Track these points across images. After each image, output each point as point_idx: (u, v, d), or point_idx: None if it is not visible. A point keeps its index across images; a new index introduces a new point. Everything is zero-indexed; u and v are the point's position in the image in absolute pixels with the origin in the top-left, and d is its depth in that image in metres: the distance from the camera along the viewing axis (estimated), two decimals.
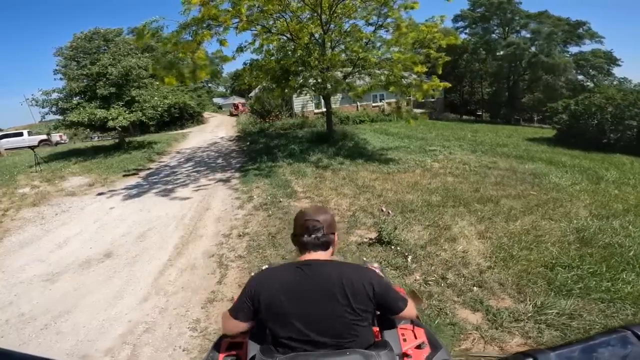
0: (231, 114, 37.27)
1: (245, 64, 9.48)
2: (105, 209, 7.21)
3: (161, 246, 5.07)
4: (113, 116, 12.33)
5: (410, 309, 1.29)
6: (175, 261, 4.60)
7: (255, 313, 1.20)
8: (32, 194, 8.87)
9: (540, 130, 22.22)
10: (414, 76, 10.47)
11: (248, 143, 13.36)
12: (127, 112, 12.81)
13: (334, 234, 1.33)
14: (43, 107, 12.68)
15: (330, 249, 1.31)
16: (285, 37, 9.43)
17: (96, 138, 28.25)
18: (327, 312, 1.12)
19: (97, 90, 12.53)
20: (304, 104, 21.18)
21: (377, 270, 1.62)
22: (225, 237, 5.05)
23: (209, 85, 44.89)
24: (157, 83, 14.65)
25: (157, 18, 6.87)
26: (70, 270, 4.63)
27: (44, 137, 23.71)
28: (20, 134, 24.26)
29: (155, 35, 7.17)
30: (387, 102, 22.66)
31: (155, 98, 13.29)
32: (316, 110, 20.71)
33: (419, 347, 1.32)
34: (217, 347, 1.37)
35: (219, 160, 10.90)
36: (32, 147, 12.38)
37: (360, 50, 9.39)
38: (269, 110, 19.60)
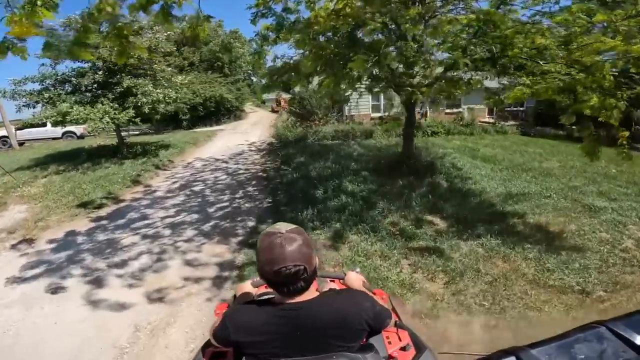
0: (272, 110, 33.96)
1: (267, 31, 4.73)
2: None
3: None
4: (93, 116, 8.66)
5: (393, 317, 1.23)
6: None
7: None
8: None
9: None
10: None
11: (278, 162, 9.05)
12: (115, 110, 9.09)
13: (315, 268, 1.04)
14: (14, 99, 9.42)
15: (314, 284, 1.08)
16: None
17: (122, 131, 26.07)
18: (317, 354, 1.01)
19: (75, 80, 9.02)
20: (356, 104, 16.35)
21: (359, 278, 1.45)
22: None
23: (252, 78, 41.74)
24: (169, 70, 10.90)
25: None
26: None
27: (69, 128, 21.72)
28: (44, 125, 22.41)
29: None
30: (468, 108, 17.23)
31: (158, 90, 9.46)
32: (374, 114, 15.89)
33: (403, 349, 1.29)
34: (201, 356, 1.33)
35: (226, 198, 6.63)
36: None
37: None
38: (312, 112, 15.15)
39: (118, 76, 9.45)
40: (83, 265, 4.55)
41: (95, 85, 10.10)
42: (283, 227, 1.05)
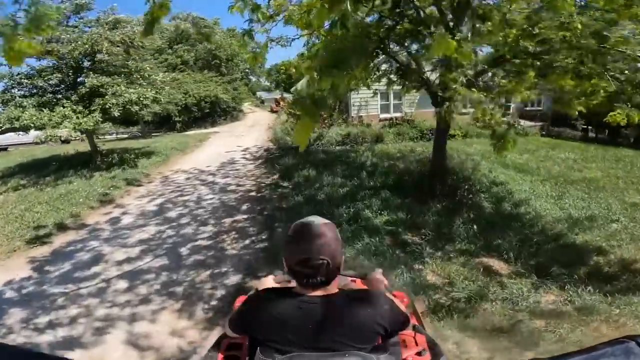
0: (272, 110, 32.45)
1: None
2: None
3: None
4: (46, 121, 7.15)
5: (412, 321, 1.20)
6: None
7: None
8: None
9: None
10: None
11: (276, 176, 7.52)
12: (79, 114, 7.56)
13: (339, 265, 1.02)
14: None
15: (335, 281, 1.04)
16: None
17: (114, 135, 24.47)
18: (331, 351, 0.97)
19: (29, 80, 7.55)
20: (364, 104, 14.77)
21: (381, 279, 1.41)
22: None
23: (250, 77, 40.20)
24: (149, 68, 9.36)
25: None
26: None
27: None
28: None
29: None
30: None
31: (132, 90, 7.92)
32: (383, 115, 14.34)
33: (419, 353, 1.26)
34: (217, 346, 1.32)
35: (206, 233, 5.04)
36: None
37: None
38: None
39: (83, 74, 7.93)
40: None
41: (63, 86, 8.64)
42: (317, 220, 1.06)
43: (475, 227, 4.77)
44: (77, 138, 21.36)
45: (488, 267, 4.05)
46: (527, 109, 18.92)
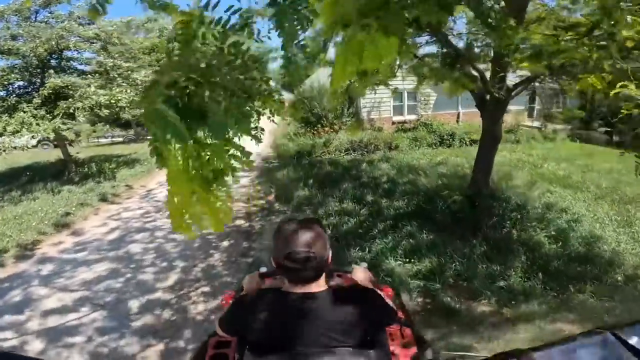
0: None
1: None
2: None
3: None
4: (1, 129, 6.01)
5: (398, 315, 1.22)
6: None
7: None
8: None
9: None
10: None
11: (272, 195, 6.17)
12: (40, 120, 6.38)
13: (327, 258, 1.03)
14: None
15: (323, 276, 1.04)
16: None
17: (109, 138, 23.46)
18: (319, 347, 0.97)
19: None
20: (376, 105, 13.34)
21: (367, 273, 1.42)
22: None
23: None
24: (126, 65, 8.14)
25: None
26: None
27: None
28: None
29: None
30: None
31: (101, 92, 6.71)
32: (395, 118, 12.95)
33: (406, 346, 1.27)
34: (206, 344, 1.32)
35: (169, 282, 3.68)
36: None
37: None
38: (320, 116, 12.26)
39: (46, 74, 6.76)
40: None
41: (32, 88, 7.50)
42: (302, 217, 1.12)
43: (540, 275, 3.44)
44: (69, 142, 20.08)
45: None
46: (539, 107, 17.16)
